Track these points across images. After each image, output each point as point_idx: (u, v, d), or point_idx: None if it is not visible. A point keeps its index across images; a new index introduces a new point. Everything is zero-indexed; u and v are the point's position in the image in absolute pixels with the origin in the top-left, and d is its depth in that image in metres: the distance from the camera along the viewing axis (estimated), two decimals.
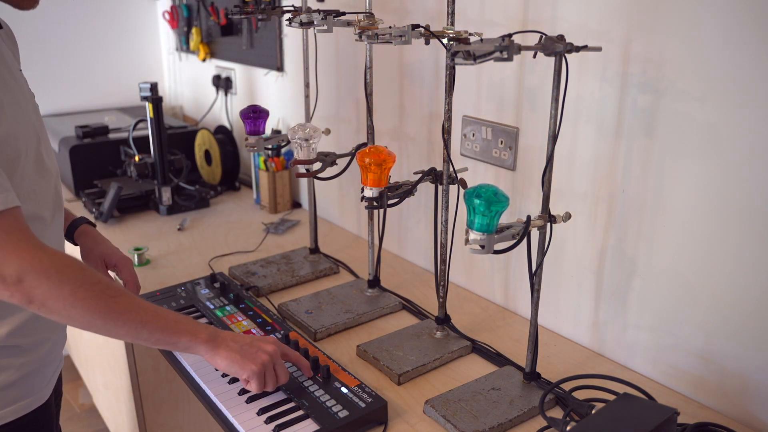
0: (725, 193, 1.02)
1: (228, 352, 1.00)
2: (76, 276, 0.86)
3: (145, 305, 0.94)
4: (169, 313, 0.98)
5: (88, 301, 0.87)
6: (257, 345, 1.04)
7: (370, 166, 1.13)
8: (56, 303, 0.84)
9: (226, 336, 1.03)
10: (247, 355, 1.01)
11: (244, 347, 1.02)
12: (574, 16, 1.17)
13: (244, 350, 1.02)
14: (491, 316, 1.41)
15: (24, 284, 0.81)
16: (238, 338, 1.03)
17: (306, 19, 1.27)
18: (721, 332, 1.07)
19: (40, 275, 0.82)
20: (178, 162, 2.04)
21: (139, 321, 0.92)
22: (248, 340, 1.04)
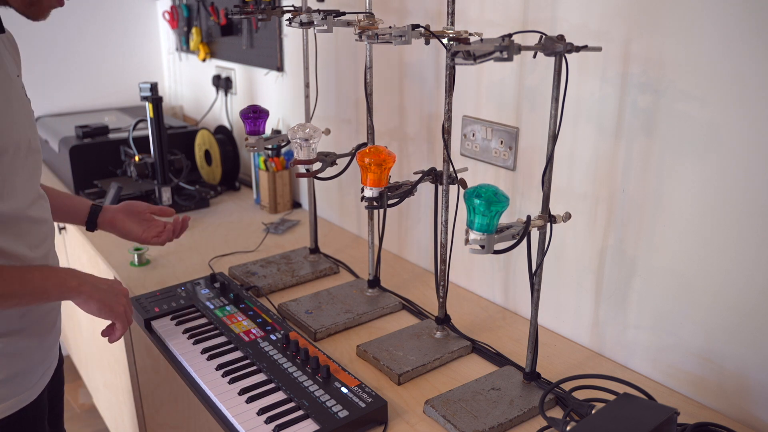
0: (725, 192, 1.02)
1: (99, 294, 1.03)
2: None
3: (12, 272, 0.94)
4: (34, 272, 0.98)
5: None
6: (115, 288, 1.08)
7: (370, 166, 1.13)
8: None
9: (90, 278, 1.05)
10: (112, 300, 1.05)
11: (107, 293, 1.05)
12: (574, 16, 1.17)
13: (108, 296, 1.05)
14: (491, 316, 1.41)
15: None
16: (99, 281, 1.06)
17: (306, 19, 1.27)
18: (721, 332, 1.07)
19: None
20: (178, 162, 2.04)
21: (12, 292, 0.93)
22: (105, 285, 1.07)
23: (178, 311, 1.36)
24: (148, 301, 1.38)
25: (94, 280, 1.05)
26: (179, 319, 1.33)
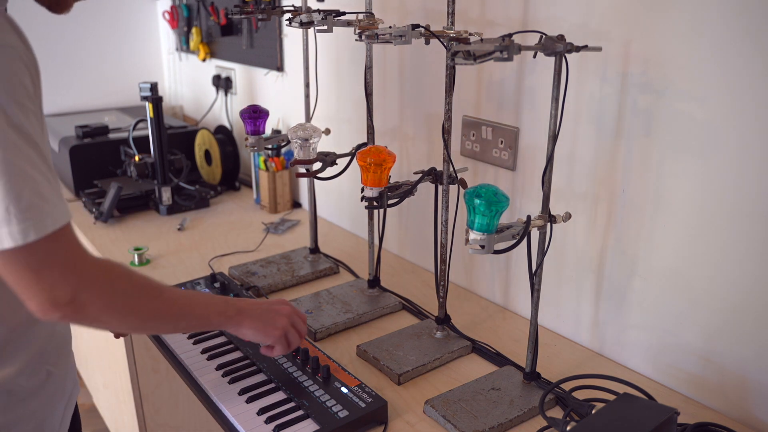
0: (725, 192, 1.02)
1: (251, 322, 1.01)
2: (125, 286, 0.82)
3: (180, 296, 0.93)
4: (198, 297, 0.97)
5: (139, 309, 0.84)
6: (274, 309, 1.05)
7: (370, 166, 1.13)
8: (111, 317, 0.80)
9: (246, 306, 1.03)
10: (267, 322, 1.03)
11: (263, 314, 1.03)
12: (574, 16, 1.17)
13: (264, 317, 1.03)
14: (491, 316, 1.41)
15: (77, 303, 0.75)
16: (255, 306, 1.04)
17: (306, 19, 1.27)
18: (722, 332, 1.07)
19: (93, 292, 0.77)
20: (178, 162, 2.04)
21: (180, 315, 0.92)
22: (264, 306, 1.05)
23: None
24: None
25: (251, 307, 1.03)
26: None
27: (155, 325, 0.90)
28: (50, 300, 0.73)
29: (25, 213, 0.68)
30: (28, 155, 0.70)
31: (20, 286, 0.73)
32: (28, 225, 0.69)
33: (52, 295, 0.73)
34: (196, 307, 0.95)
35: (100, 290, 0.78)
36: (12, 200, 0.68)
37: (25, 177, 0.69)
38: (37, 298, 0.73)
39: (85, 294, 0.76)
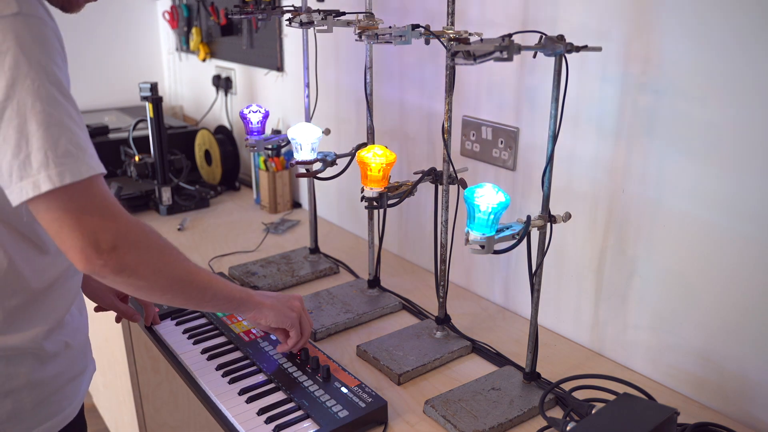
0: (725, 192, 1.02)
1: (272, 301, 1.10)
2: (159, 243, 0.86)
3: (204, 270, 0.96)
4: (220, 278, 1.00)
5: (171, 267, 0.87)
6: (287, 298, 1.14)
7: (370, 166, 1.13)
8: (146, 270, 0.82)
9: (265, 294, 1.11)
10: (285, 304, 1.11)
11: (280, 301, 1.11)
12: (574, 16, 1.17)
13: (281, 303, 1.11)
14: (491, 316, 1.41)
15: (117, 252, 0.78)
16: (271, 294, 1.12)
17: (306, 19, 1.27)
18: (721, 332, 1.07)
19: (132, 242, 0.80)
20: (178, 162, 2.04)
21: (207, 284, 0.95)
22: (278, 296, 1.13)
23: (178, 311, 1.35)
24: None
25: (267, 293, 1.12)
26: (179, 319, 1.33)
27: (183, 289, 0.91)
28: (93, 245, 0.76)
29: (62, 158, 0.72)
30: (66, 109, 0.75)
31: (63, 233, 0.75)
32: (65, 169, 0.72)
33: (95, 240, 0.76)
34: (220, 282, 0.98)
35: (138, 241, 0.81)
36: (50, 147, 0.72)
37: (63, 127, 0.73)
38: (80, 243, 0.75)
39: (125, 243, 0.79)
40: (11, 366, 0.87)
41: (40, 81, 0.72)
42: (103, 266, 0.78)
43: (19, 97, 0.71)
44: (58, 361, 0.93)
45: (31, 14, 0.73)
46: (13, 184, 0.72)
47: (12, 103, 0.71)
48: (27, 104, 0.71)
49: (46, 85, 0.73)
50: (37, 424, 0.92)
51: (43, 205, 0.73)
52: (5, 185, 0.73)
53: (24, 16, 0.72)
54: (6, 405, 0.88)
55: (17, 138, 0.71)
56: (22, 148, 0.71)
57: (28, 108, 0.71)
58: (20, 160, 0.71)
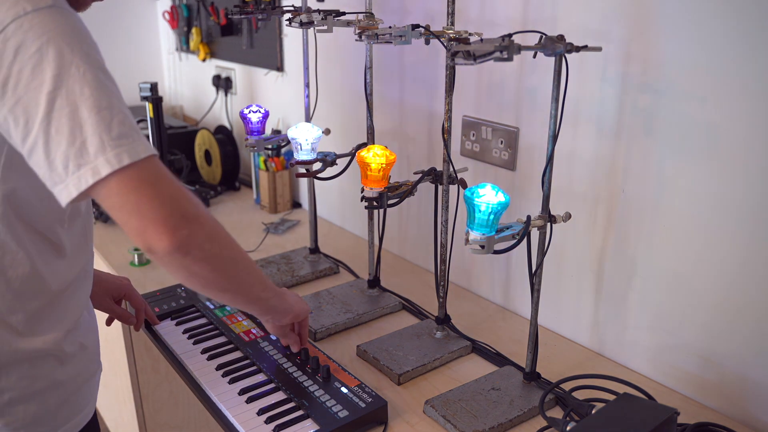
0: (725, 192, 1.02)
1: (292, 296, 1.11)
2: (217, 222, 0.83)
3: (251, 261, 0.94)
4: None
5: (230, 246, 0.84)
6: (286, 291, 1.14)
7: (370, 166, 1.13)
8: (212, 246, 0.79)
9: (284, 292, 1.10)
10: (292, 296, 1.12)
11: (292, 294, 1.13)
12: (574, 16, 1.17)
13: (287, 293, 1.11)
14: (491, 316, 1.41)
15: (199, 221, 0.76)
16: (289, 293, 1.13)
17: (306, 19, 1.27)
18: (721, 332, 1.07)
19: (206, 212, 0.78)
20: (178, 162, 2.04)
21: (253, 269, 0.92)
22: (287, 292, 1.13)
23: (178, 311, 1.36)
24: (149, 301, 1.38)
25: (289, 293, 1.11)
26: (179, 319, 1.33)
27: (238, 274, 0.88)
28: (178, 212, 0.73)
29: (117, 140, 0.71)
30: (114, 92, 0.74)
31: (141, 209, 0.72)
32: (122, 150, 0.71)
33: (179, 207, 0.74)
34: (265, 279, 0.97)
35: (207, 213, 0.79)
36: (104, 130, 0.70)
37: (114, 110, 0.72)
38: (163, 213, 0.72)
39: (202, 212, 0.77)
40: (35, 368, 0.88)
41: (86, 67, 0.71)
42: (188, 236, 0.74)
43: (67, 85, 0.69)
44: (76, 362, 0.94)
45: (63, 6, 0.73)
46: (70, 175, 0.70)
47: (61, 92, 0.69)
48: (76, 91, 0.70)
49: (93, 71, 0.72)
50: (60, 425, 0.93)
51: (114, 189, 0.71)
52: (58, 181, 0.70)
53: (58, 8, 0.72)
54: (31, 407, 0.88)
55: (71, 126, 0.69)
56: (77, 136, 0.69)
57: (77, 95, 0.70)
58: (76, 148, 0.69)
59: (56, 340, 0.90)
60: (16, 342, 0.85)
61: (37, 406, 0.89)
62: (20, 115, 0.70)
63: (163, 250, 0.74)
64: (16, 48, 0.69)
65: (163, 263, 0.77)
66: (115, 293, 1.23)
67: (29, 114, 0.69)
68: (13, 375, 0.86)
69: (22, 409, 0.87)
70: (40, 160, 0.70)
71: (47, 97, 0.69)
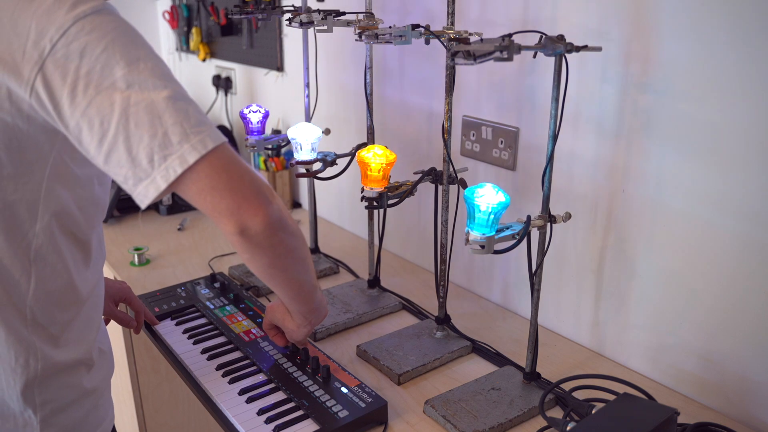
0: (725, 192, 1.02)
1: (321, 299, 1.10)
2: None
3: None
4: None
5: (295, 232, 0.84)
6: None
7: (370, 166, 1.13)
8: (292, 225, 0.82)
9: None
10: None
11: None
12: (574, 16, 1.17)
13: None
14: (491, 316, 1.41)
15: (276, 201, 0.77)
16: None
17: (306, 19, 1.27)
18: (722, 332, 1.07)
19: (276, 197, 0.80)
20: None
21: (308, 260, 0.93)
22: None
23: (178, 311, 1.36)
24: (148, 302, 1.38)
25: None
26: (179, 319, 1.33)
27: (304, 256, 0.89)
28: (263, 189, 0.75)
29: (197, 127, 0.71)
30: (181, 86, 0.74)
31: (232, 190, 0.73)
32: (204, 136, 0.71)
33: (262, 184, 0.76)
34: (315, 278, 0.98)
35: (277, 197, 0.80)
36: (183, 119, 0.71)
37: (186, 99, 0.73)
38: (253, 192, 0.74)
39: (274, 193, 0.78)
40: (71, 376, 0.88)
41: (153, 62, 0.72)
42: (279, 210, 0.77)
43: (139, 81, 0.69)
44: (99, 367, 0.95)
45: (110, 8, 0.74)
46: (156, 168, 0.69)
47: (134, 87, 0.69)
48: (149, 86, 0.70)
49: (160, 65, 0.72)
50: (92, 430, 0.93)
51: (200, 174, 0.71)
52: (143, 176, 0.70)
53: (108, 9, 0.73)
54: (69, 416, 0.89)
55: (150, 119, 0.69)
56: (158, 127, 0.69)
57: (151, 89, 0.70)
58: (159, 139, 0.69)
59: (87, 348, 0.90)
60: (56, 354, 0.86)
61: (74, 414, 0.89)
62: (95, 117, 0.69)
63: (260, 225, 0.75)
64: (81, 50, 0.68)
65: (254, 243, 0.77)
66: (116, 297, 1.23)
67: (104, 114, 0.69)
68: (53, 386, 0.86)
69: (62, 419, 0.88)
70: (122, 158, 0.70)
71: (121, 95, 0.69)
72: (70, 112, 0.69)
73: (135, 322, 1.26)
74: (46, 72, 0.68)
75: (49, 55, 0.68)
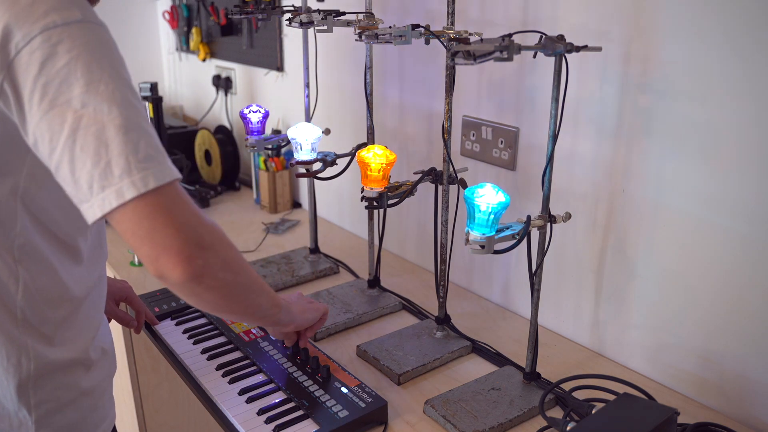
0: (725, 192, 1.02)
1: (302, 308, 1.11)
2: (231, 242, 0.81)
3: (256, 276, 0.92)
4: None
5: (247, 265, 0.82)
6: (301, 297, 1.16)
7: (370, 166, 1.13)
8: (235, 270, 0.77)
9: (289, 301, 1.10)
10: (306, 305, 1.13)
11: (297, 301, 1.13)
12: (574, 16, 1.17)
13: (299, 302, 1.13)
14: (491, 316, 1.41)
15: (215, 249, 0.73)
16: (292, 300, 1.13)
17: (306, 19, 1.27)
18: (721, 332, 1.07)
19: (223, 239, 0.76)
20: (178, 162, 2.04)
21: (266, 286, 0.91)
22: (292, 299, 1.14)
23: (178, 311, 1.36)
24: (148, 301, 1.38)
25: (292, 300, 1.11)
26: (179, 319, 1.33)
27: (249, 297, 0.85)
28: (194, 241, 0.71)
29: (144, 163, 0.69)
30: (141, 112, 0.72)
31: (155, 237, 0.69)
32: (148, 173, 0.69)
33: (195, 236, 0.71)
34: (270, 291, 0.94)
35: (224, 239, 0.77)
36: (130, 152, 0.68)
37: (141, 131, 0.70)
38: (178, 243, 0.70)
39: (218, 240, 0.74)
40: (65, 377, 0.88)
41: (114, 85, 0.69)
42: (203, 266, 0.72)
43: (95, 103, 0.68)
44: (100, 367, 0.94)
45: (92, 20, 0.71)
46: (94, 196, 0.68)
47: (88, 110, 0.67)
48: (104, 110, 0.68)
49: (121, 88, 0.70)
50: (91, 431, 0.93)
51: (131, 210, 0.68)
52: (83, 199, 0.68)
53: (87, 22, 0.70)
54: (66, 416, 0.88)
55: (96, 145, 0.67)
56: (102, 156, 0.67)
57: (105, 114, 0.68)
58: (101, 169, 0.67)
59: (84, 348, 0.90)
60: (50, 353, 0.85)
61: (71, 415, 0.89)
62: (46, 131, 0.68)
63: (176, 279, 0.71)
64: (42, 61, 0.67)
65: (175, 290, 0.75)
66: (117, 296, 1.23)
67: (54, 130, 0.67)
68: (48, 386, 0.86)
69: (58, 420, 0.87)
70: (66, 177, 0.69)
71: (74, 115, 0.67)
72: (29, 118, 0.69)
73: (135, 322, 1.26)
74: (12, 76, 0.68)
75: (14, 60, 0.67)
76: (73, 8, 0.69)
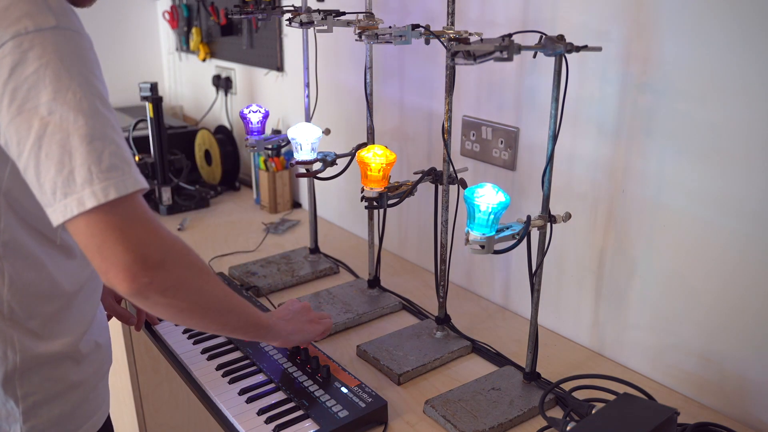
0: (725, 193, 1.02)
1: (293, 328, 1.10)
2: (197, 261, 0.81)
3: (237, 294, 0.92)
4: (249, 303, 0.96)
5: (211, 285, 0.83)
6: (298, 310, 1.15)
7: (370, 166, 1.13)
8: (189, 289, 0.78)
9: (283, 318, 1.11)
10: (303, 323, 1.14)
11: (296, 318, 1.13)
12: (574, 16, 1.17)
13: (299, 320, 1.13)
14: (491, 316, 1.41)
15: (164, 269, 0.73)
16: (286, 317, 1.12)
17: (306, 19, 1.27)
18: (722, 332, 1.07)
19: (175, 260, 0.75)
20: (178, 162, 2.04)
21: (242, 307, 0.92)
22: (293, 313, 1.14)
23: None
24: None
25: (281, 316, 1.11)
26: None
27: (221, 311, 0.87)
28: (141, 260, 0.71)
29: (106, 173, 0.70)
30: (109, 121, 0.72)
31: (105, 251, 0.70)
32: (109, 184, 0.69)
33: (142, 255, 0.71)
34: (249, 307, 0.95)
35: (181, 258, 0.77)
36: (93, 161, 0.69)
37: (106, 140, 0.71)
38: (125, 260, 0.70)
39: (170, 259, 0.74)
40: (55, 370, 0.88)
41: (82, 93, 0.70)
42: (148, 285, 0.72)
43: (61, 111, 0.68)
44: (91, 361, 0.95)
45: (68, 27, 0.71)
46: (57, 202, 0.69)
47: (55, 117, 0.68)
48: (69, 119, 0.69)
49: (89, 97, 0.70)
50: (80, 424, 0.93)
51: (84, 223, 0.69)
52: (47, 204, 0.70)
53: (62, 29, 0.70)
54: (54, 409, 0.89)
55: (60, 153, 0.68)
56: (66, 164, 0.68)
57: (71, 122, 0.69)
58: (64, 177, 0.68)
59: (73, 342, 0.90)
60: (36, 346, 0.86)
61: (60, 407, 0.89)
62: (14, 135, 0.69)
63: (123, 293, 0.73)
64: (12, 67, 0.68)
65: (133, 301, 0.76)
66: None
67: (21, 135, 0.69)
68: (35, 379, 0.86)
69: (45, 412, 0.88)
70: (32, 180, 0.70)
71: (40, 122, 0.68)
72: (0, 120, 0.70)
73: (135, 319, 1.26)
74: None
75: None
76: (48, 14, 0.70)
